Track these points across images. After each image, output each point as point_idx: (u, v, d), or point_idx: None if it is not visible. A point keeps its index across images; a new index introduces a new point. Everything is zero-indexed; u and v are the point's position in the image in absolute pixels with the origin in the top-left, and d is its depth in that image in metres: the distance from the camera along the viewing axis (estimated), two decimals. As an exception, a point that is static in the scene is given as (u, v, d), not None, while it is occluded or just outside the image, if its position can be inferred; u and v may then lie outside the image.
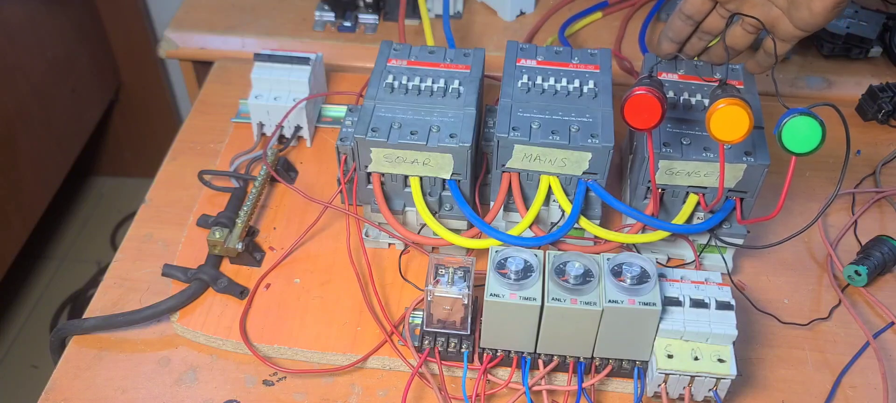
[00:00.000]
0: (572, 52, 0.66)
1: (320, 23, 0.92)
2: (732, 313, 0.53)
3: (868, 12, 0.87)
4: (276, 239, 0.69)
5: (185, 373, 0.60)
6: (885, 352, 0.61)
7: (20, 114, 1.27)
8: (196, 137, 0.80)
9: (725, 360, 0.52)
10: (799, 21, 0.57)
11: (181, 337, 0.62)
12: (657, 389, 0.54)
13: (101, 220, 1.71)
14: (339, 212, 0.69)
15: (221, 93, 0.85)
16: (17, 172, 1.29)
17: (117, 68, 1.53)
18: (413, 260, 0.67)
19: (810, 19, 0.57)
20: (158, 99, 1.58)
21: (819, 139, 0.51)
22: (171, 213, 0.72)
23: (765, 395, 0.58)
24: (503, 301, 0.52)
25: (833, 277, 0.66)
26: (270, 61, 0.75)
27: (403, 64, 0.66)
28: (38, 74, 1.31)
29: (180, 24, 0.92)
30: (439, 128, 0.60)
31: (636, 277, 0.52)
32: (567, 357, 0.56)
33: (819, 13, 0.56)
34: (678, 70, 0.65)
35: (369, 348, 0.60)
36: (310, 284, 0.65)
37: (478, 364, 0.57)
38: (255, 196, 0.68)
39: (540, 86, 0.63)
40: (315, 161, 0.76)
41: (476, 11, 0.94)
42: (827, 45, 0.86)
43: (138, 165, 1.71)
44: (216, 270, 0.65)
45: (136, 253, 0.68)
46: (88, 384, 0.59)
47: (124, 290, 0.65)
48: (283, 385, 0.59)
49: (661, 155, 0.58)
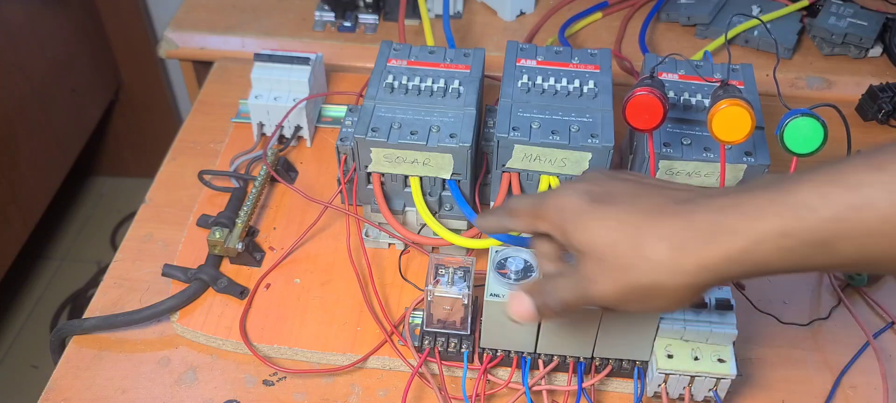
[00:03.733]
0: (572, 52, 0.66)
1: (320, 23, 0.92)
2: (732, 313, 0.53)
3: (868, 12, 0.87)
4: (276, 239, 0.69)
5: (185, 373, 0.60)
6: (885, 352, 0.61)
7: (20, 114, 1.27)
8: (196, 137, 0.80)
9: (725, 360, 0.52)
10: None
11: (181, 337, 0.62)
12: (657, 389, 0.54)
13: (101, 220, 1.71)
14: (339, 212, 0.69)
15: (221, 93, 0.85)
16: (17, 172, 1.29)
17: (117, 68, 1.53)
18: (413, 260, 0.67)
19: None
20: (158, 99, 1.58)
21: (821, 140, 0.51)
22: (171, 213, 0.72)
23: (765, 395, 0.58)
24: (503, 301, 0.52)
25: (833, 277, 0.66)
26: (270, 61, 0.75)
27: (403, 64, 0.66)
28: (38, 74, 1.31)
29: (180, 24, 0.92)
30: (439, 128, 0.60)
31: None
32: (567, 357, 0.56)
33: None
34: (679, 70, 0.65)
35: (369, 348, 0.60)
36: (310, 284, 0.65)
37: (478, 364, 0.57)
38: (255, 196, 0.68)
39: (540, 87, 0.63)
40: (315, 161, 0.76)
41: (476, 11, 0.94)
42: (827, 45, 0.86)
43: (138, 165, 1.70)
44: (216, 270, 0.65)
45: (136, 253, 0.68)
46: (88, 384, 0.59)
47: (124, 290, 0.65)
48: (283, 385, 0.59)
49: (661, 155, 0.58)
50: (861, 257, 0.37)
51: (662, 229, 0.40)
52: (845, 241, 0.36)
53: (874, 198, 0.35)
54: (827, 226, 0.37)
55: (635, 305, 0.42)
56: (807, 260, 0.38)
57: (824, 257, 0.37)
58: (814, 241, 0.37)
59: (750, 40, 0.87)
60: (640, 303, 0.42)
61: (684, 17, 0.90)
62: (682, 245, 0.39)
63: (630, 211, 0.42)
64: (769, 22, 0.88)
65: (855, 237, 0.36)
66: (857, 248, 0.36)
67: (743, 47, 0.88)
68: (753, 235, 0.38)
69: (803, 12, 0.90)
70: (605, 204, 0.42)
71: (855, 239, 0.36)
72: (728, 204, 0.39)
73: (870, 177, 0.36)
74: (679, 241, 0.39)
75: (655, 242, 0.40)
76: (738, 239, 0.38)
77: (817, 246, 0.37)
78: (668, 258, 0.40)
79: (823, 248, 0.37)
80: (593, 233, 0.42)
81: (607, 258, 0.42)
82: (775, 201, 0.38)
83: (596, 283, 0.42)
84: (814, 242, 0.37)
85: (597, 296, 0.43)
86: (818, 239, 0.37)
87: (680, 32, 0.91)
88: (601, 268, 0.42)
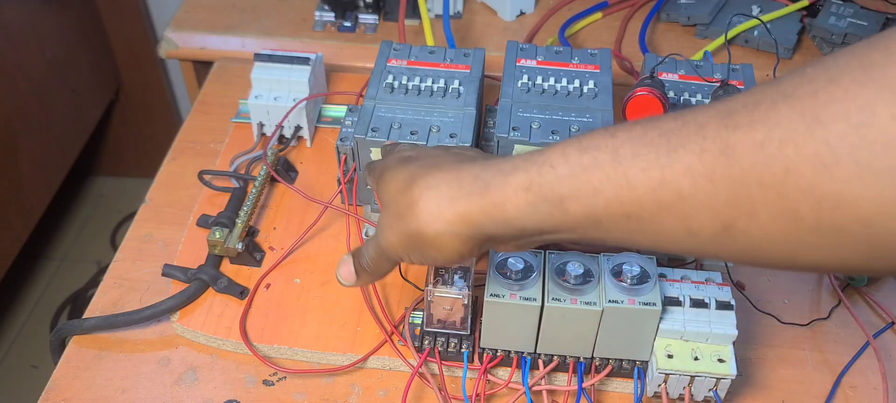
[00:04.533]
0: (572, 52, 0.66)
1: (320, 23, 0.92)
2: (732, 313, 0.53)
3: (868, 12, 0.87)
4: (276, 239, 0.69)
5: (185, 373, 0.60)
6: (885, 352, 0.61)
7: (20, 114, 1.27)
8: (196, 137, 0.80)
9: (725, 360, 0.52)
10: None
11: (181, 337, 0.62)
12: (657, 389, 0.54)
13: (101, 220, 1.71)
14: (339, 212, 0.69)
15: (221, 93, 0.85)
16: (17, 172, 1.29)
17: (117, 68, 1.53)
18: (413, 260, 0.67)
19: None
20: (158, 99, 1.58)
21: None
22: (171, 213, 0.72)
23: (765, 395, 0.58)
24: (503, 301, 0.52)
25: (833, 277, 0.66)
26: (270, 61, 0.75)
27: (403, 64, 0.66)
28: (38, 74, 1.31)
29: (180, 24, 0.92)
30: (439, 127, 0.60)
31: (636, 277, 0.52)
32: (567, 357, 0.56)
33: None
34: (679, 70, 0.65)
35: (369, 348, 0.60)
36: (310, 284, 0.65)
37: (478, 364, 0.57)
38: (255, 196, 0.68)
39: (540, 87, 0.63)
40: (315, 161, 0.76)
41: (476, 11, 0.94)
42: (827, 45, 0.86)
43: (138, 165, 1.70)
44: (216, 270, 0.65)
45: (136, 253, 0.68)
46: (88, 384, 0.59)
47: (124, 290, 0.65)
48: (283, 385, 0.59)
49: (661, 155, 0.58)
50: (587, 218, 0.39)
51: (431, 180, 0.44)
52: (574, 201, 0.39)
53: (601, 160, 0.38)
54: (562, 183, 0.39)
55: (415, 254, 0.46)
56: (547, 218, 0.41)
57: (560, 216, 0.40)
58: (550, 197, 0.40)
59: (750, 40, 0.87)
60: (419, 253, 0.45)
61: (684, 17, 0.90)
62: (445, 195, 0.43)
63: (417, 166, 0.46)
64: (769, 22, 0.88)
65: (582, 197, 0.39)
66: (584, 208, 0.39)
67: (743, 47, 0.88)
68: (503, 189, 0.41)
69: (803, 12, 0.90)
70: (404, 163, 0.47)
71: (582, 198, 0.39)
72: (493, 164, 0.43)
73: (603, 140, 0.39)
74: (443, 192, 0.43)
75: (423, 190, 0.44)
76: (491, 193, 0.42)
77: (553, 202, 0.40)
78: (433, 207, 0.43)
79: (559, 206, 0.40)
80: (388, 186, 0.47)
81: (390, 207, 0.46)
82: (528, 160, 0.41)
83: (384, 233, 0.47)
84: (550, 198, 0.40)
85: (385, 246, 0.47)
86: (554, 194, 0.40)
87: (680, 32, 0.91)
88: (387, 218, 0.46)
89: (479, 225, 0.42)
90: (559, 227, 0.41)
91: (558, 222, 0.41)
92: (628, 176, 0.37)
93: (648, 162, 0.37)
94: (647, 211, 0.37)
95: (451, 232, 0.43)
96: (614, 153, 0.38)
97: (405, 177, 0.45)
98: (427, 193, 0.44)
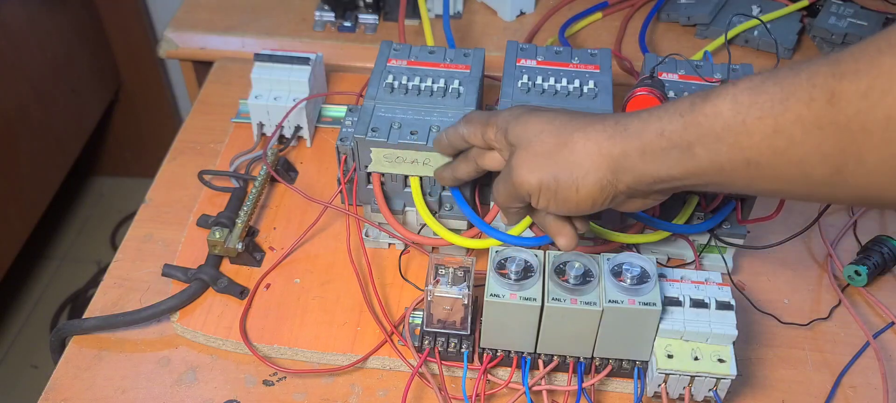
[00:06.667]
0: (572, 52, 0.66)
1: (320, 23, 0.92)
2: (732, 313, 0.53)
3: (868, 12, 0.87)
4: (276, 239, 0.69)
5: (185, 373, 0.60)
6: (885, 352, 0.61)
7: (20, 114, 1.27)
8: (196, 137, 0.80)
9: (725, 360, 0.52)
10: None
11: (181, 337, 0.62)
12: (657, 389, 0.54)
13: (101, 220, 1.71)
14: (339, 212, 0.69)
15: (221, 93, 0.85)
16: (17, 172, 1.29)
17: (117, 68, 1.53)
18: (413, 260, 0.67)
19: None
20: (158, 99, 1.58)
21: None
22: (171, 213, 0.72)
23: (765, 395, 0.58)
24: (503, 301, 0.52)
25: (833, 277, 0.66)
26: (270, 61, 0.75)
27: (403, 64, 0.66)
28: (38, 74, 1.31)
29: (180, 24, 0.92)
30: (439, 127, 0.60)
31: (636, 277, 0.52)
32: (567, 357, 0.56)
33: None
34: (679, 70, 0.65)
35: (369, 348, 0.60)
36: (310, 284, 0.65)
37: (478, 364, 0.57)
38: (255, 196, 0.68)
39: (540, 87, 0.63)
40: (315, 161, 0.76)
41: (476, 11, 0.94)
42: (827, 45, 0.86)
43: (138, 165, 1.71)
44: (216, 270, 0.65)
45: (136, 253, 0.68)
46: (88, 384, 0.59)
47: (124, 290, 0.65)
48: (283, 385, 0.59)
49: (661, 155, 0.58)
50: (712, 164, 0.43)
51: (583, 121, 0.48)
52: (700, 146, 0.43)
53: (721, 108, 0.42)
54: (689, 130, 0.43)
55: (548, 194, 0.49)
56: (676, 164, 0.44)
57: (689, 162, 0.44)
58: (679, 144, 0.43)
59: (750, 40, 0.87)
60: (553, 193, 0.48)
61: (684, 17, 0.90)
62: (595, 139, 0.47)
63: (556, 113, 0.50)
64: (769, 22, 0.88)
65: (707, 142, 0.42)
66: (709, 153, 0.42)
67: (743, 47, 0.88)
68: (642, 135, 0.45)
69: (803, 12, 0.90)
70: (538, 112, 0.51)
71: (707, 143, 0.42)
72: (633, 114, 0.47)
73: (723, 90, 0.42)
74: (593, 135, 0.47)
75: (574, 131, 0.48)
76: (633, 139, 0.45)
77: (682, 148, 0.43)
78: (590, 147, 0.47)
79: (687, 152, 0.43)
80: (527, 126, 0.50)
81: (534, 145, 0.49)
82: (662, 108, 0.45)
83: (519, 170, 0.49)
84: (679, 144, 0.43)
85: (518, 182, 0.50)
86: (683, 140, 0.43)
87: (680, 32, 0.91)
88: (527, 155, 0.49)
89: (620, 171, 0.46)
90: (687, 174, 0.44)
91: (686, 169, 0.44)
92: (747, 123, 0.41)
93: (764, 110, 0.40)
94: (765, 156, 0.41)
95: (596, 175, 0.47)
96: (734, 101, 0.41)
97: (547, 121, 0.49)
98: (579, 134, 0.47)
